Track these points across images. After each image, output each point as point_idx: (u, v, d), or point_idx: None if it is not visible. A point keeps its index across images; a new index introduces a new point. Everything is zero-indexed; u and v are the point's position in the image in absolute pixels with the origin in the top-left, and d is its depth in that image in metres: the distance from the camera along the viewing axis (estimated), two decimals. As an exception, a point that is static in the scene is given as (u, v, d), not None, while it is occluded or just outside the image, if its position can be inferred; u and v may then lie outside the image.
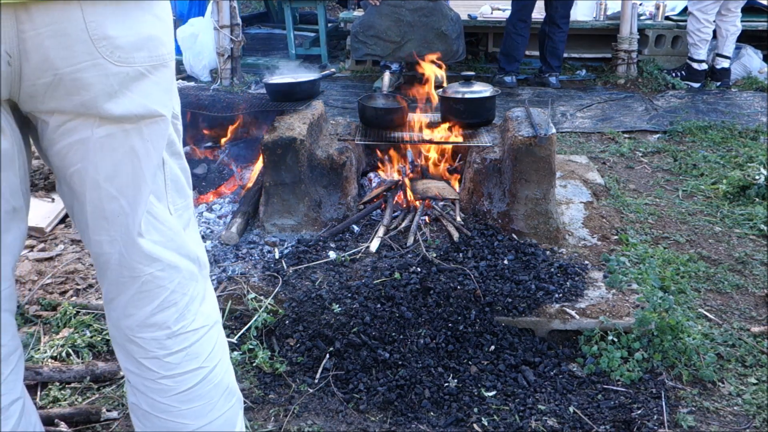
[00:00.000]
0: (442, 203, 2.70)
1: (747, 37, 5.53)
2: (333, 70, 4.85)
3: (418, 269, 2.24)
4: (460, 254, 2.35)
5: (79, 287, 2.32)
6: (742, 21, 5.12)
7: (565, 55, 5.37)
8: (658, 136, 4.20)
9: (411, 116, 2.93)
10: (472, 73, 3.47)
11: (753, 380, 1.94)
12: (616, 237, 2.64)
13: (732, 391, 1.90)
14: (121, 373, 1.86)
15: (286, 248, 2.48)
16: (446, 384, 1.89)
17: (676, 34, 5.61)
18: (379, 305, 2.09)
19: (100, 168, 1.07)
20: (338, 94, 5.13)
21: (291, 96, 2.82)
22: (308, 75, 2.97)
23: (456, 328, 2.03)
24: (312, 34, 6.47)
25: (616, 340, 2.01)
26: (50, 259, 2.50)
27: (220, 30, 4.97)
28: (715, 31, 5.10)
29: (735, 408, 1.83)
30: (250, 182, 2.91)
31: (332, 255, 2.38)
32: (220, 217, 2.74)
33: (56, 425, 1.69)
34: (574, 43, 5.56)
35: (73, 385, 1.90)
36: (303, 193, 2.56)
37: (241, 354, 1.98)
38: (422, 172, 2.94)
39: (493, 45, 6.16)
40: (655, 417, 1.79)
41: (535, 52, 5.82)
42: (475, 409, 1.82)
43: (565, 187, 3.13)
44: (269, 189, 2.56)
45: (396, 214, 2.68)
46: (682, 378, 1.94)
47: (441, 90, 2.91)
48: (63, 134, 1.04)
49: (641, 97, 5.07)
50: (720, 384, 1.93)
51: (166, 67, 1.10)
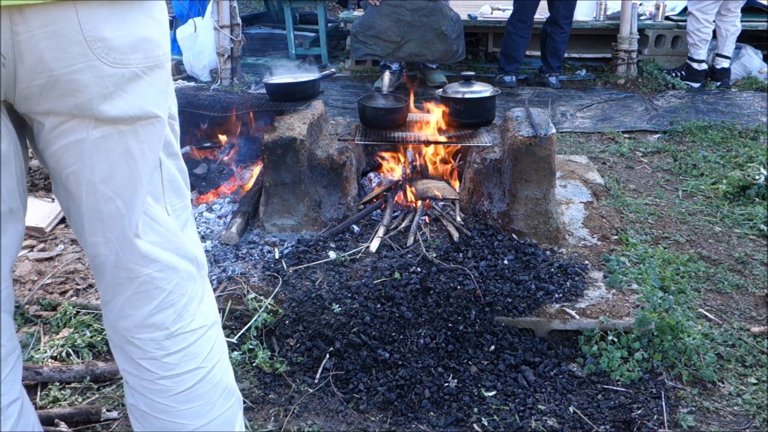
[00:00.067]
0: (442, 203, 2.70)
1: (747, 37, 5.53)
2: (333, 70, 4.84)
3: (418, 269, 2.24)
4: (460, 254, 2.35)
5: (79, 287, 2.32)
6: (742, 21, 5.12)
7: (565, 55, 5.37)
8: (658, 136, 4.20)
9: (411, 116, 2.93)
10: (472, 73, 3.47)
11: (753, 380, 1.94)
12: (616, 237, 2.64)
13: (732, 391, 1.90)
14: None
15: (286, 248, 2.48)
16: (446, 384, 1.89)
17: (676, 34, 5.61)
18: (379, 305, 2.09)
19: (95, 169, 1.07)
20: (338, 94, 5.12)
21: (291, 96, 2.82)
22: (308, 75, 2.98)
23: (456, 328, 2.03)
24: (312, 34, 6.47)
25: (616, 340, 2.01)
26: (50, 259, 2.50)
27: (220, 30, 4.97)
28: (715, 31, 5.10)
29: (735, 408, 1.83)
30: (250, 182, 2.91)
31: (332, 255, 2.38)
32: (220, 217, 2.74)
33: (56, 425, 1.69)
34: (574, 43, 5.56)
35: (73, 385, 1.90)
36: (303, 193, 2.56)
37: (241, 354, 1.98)
38: (422, 172, 2.94)
39: (493, 45, 6.16)
40: (655, 417, 1.79)
41: (536, 52, 5.82)
42: (475, 409, 1.82)
43: (565, 187, 3.13)
44: (269, 189, 2.56)
45: (396, 214, 2.68)
46: (682, 378, 1.94)
47: (441, 90, 2.91)
48: (58, 136, 1.04)
49: (641, 97, 5.07)
50: (720, 384, 1.93)
51: (161, 68, 1.10)
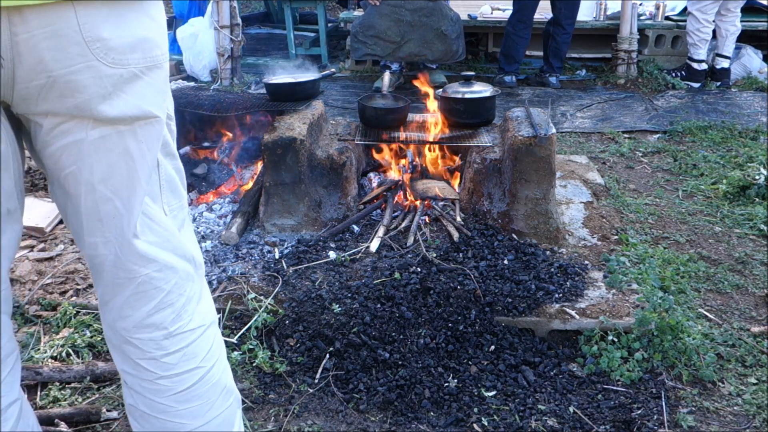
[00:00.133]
0: (442, 203, 2.70)
1: (747, 37, 5.53)
2: (333, 70, 4.84)
3: (418, 269, 2.24)
4: (460, 254, 2.35)
5: (79, 287, 2.32)
6: (742, 21, 5.12)
7: (566, 55, 5.37)
8: (658, 136, 4.20)
9: (411, 116, 2.93)
10: (472, 73, 3.47)
11: (753, 380, 1.94)
12: (616, 237, 2.64)
13: (732, 391, 1.89)
14: (121, 373, 1.86)
15: (286, 248, 2.48)
16: (446, 384, 1.89)
17: (676, 34, 5.61)
18: (379, 305, 2.09)
19: (94, 170, 1.06)
20: (338, 94, 5.12)
21: (291, 96, 2.82)
22: (308, 75, 2.98)
23: (456, 328, 2.03)
24: (312, 34, 6.47)
25: (616, 340, 2.01)
26: (50, 259, 2.50)
27: (220, 30, 4.97)
28: (714, 31, 5.10)
29: (735, 408, 1.83)
30: (250, 182, 2.91)
31: (332, 255, 2.38)
32: (220, 217, 2.74)
33: (56, 425, 1.69)
34: (574, 43, 5.55)
35: (73, 385, 1.90)
36: (303, 193, 2.56)
37: (241, 354, 1.98)
38: (422, 172, 2.94)
39: (493, 45, 6.16)
40: (655, 417, 1.79)
41: (536, 52, 5.82)
42: (475, 409, 1.82)
43: (565, 187, 3.13)
44: (269, 189, 2.56)
45: (396, 214, 2.68)
46: (682, 378, 1.93)
47: (441, 90, 2.91)
48: (57, 136, 1.04)
49: (641, 97, 5.07)
50: (720, 384, 1.93)
51: (160, 68, 1.10)
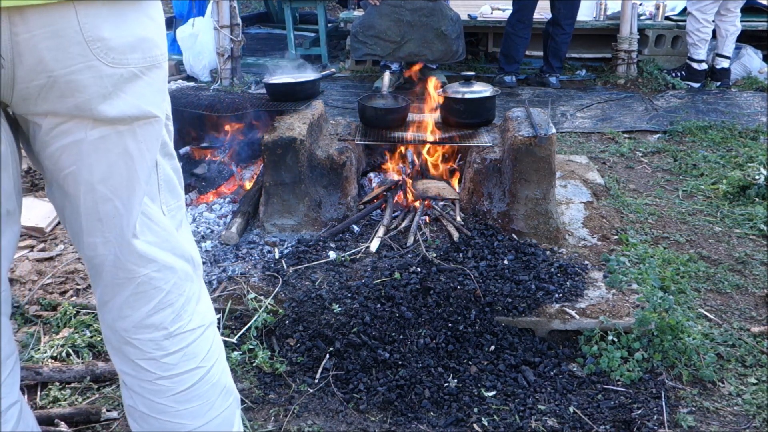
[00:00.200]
0: (442, 203, 2.70)
1: (747, 37, 5.53)
2: (333, 70, 4.84)
3: (418, 269, 2.24)
4: (460, 254, 2.35)
5: (79, 287, 2.32)
6: (742, 21, 5.12)
7: (566, 55, 5.37)
8: (658, 136, 4.20)
9: (411, 116, 2.93)
10: (472, 73, 3.47)
11: (753, 380, 1.94)
12: (616, 237, 2.64)
13: (732, 391, 1.89)
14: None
15: (286, 248, 2.48)
16: (446, 384, 1.89)
17: (676, 34, 5.61)
18: (379, 305, 2.09)
19: (94, 170, 1.06)
20: (338, 94, 5.12)
21: (291, 96, 2.82)
22: (308, 75, 2.98)
23: (456, 328, 2.03)
24: (312, 34, 6.47)
25: (616, 340, 2.01)
26: (50, 259, 2.50)
27: (220, 30, 4.97)
28: (714, 31, 5.10)
29: (735, 408, 1.83)
30: (249, 182, 2.91)
31: (332, 255, 2.38)
32: (220, 217, 2.74)
33: (56, 425, 1.69)
34: (574, 43, 5.56)
35: (73, 385, 1.90)
36: (303, 193, 2.56)
37: (241, 354, 1.98)
38: (422, 172, 2.94)
39: (493, 45, 6.16)
40: (655, 417, 1.79)
41: (537, 52, 5.82)
42: (475, 409, 1.82)
43: (565, 187, 3.13)
44: (269, 189, 2.56)
45: (396, 214, 2.68)
46: (682, 378, 1.93)
47: (441, 90, 2.91)
48: (56, 137, 1.04)
49: (641, 97, 5.07)
50: (720, 384, 1.93)
51: (159, 68, 1.10)
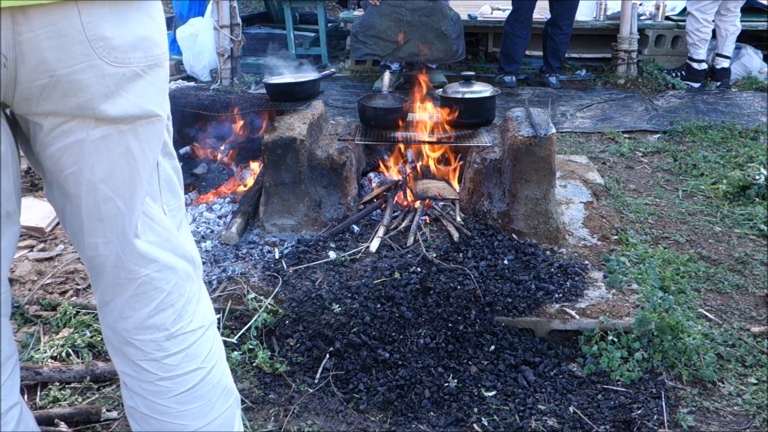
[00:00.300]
0: (442, 203, 2.70)
1: (747, 37, 5.53)
2: (333, 70, 4.84)
3: (418, 269, 2.24)
4: (460, 254, 2.35)
5: (79, 287, 2.32)
6: (742, 21, 5.12)
7: (565, 55, 5.37)
8: (658, 136, 4.20)
9: (411, 116, 2.93)
10: (472, 73, 3.47)
11: (753, 380, 1.94)
12: (616, 237, 2.64)
13: (732, 391, 1.90)
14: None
15: (286, 248, 2.48)
16: (446, 384, 1.89)
17: (676, 34, 5.61)
18: (379, 305, 2.09)
19: (95, 169, 1.06)
20: (338, 94, 5.12)
21: (291, 96, 2.82)
22: (308, 75, 2.98)
23: (456, 328, 2.03)
24: (312, 34, 6.47)
25: (616, 340, 2.01)
26: (50, 259, 2.50)
27: (220, 30, 4.97)
28: (714, 31, 5.10)
29: (735, 408, 1.83)
30: (250, 181, 2.91)
31: (332, 255, 2.38)
32: (220, 217, 2.74)
33: (56, 425, 1.69)
34: (574, 43, 5.56)
35: (73, 385, 1.90)
36: (303, 193, 2.56)
37: (241, 354, 1.98)
38: (422, 172, 2.94)
39: (493, 45, 6.16)
40: (655, 417, 1.79)
41: (537, 52, 5.82)
42: (475, 409, 1.82)
43: (565, 187, 3.13)
44: (269, 189, 2.56)
45: (396, 214, 2.68)
46: (682, 378, 1.94)
47: (441, 90, 2.91)
48: (57, 137, 1.03)
49: (641, 97, 5.07)
50: (720, 384, 1.93)
51: (160, 67, 1.10)
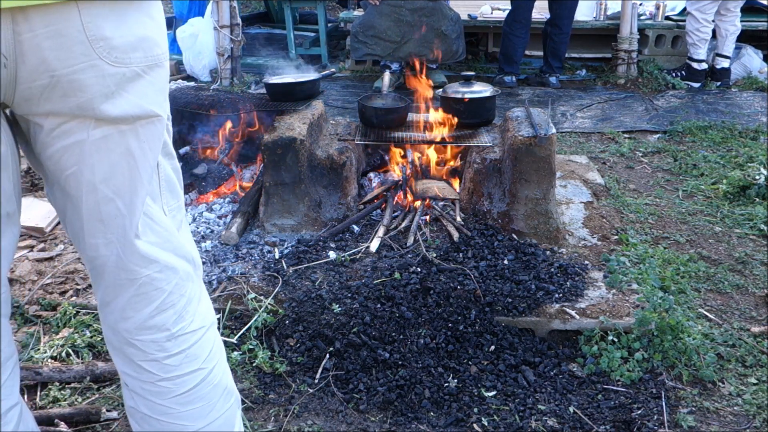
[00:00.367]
0: (442, 203, 2.70)
1: (747, 37, 5.53)
2: (333, 70, 4.84)
3: (418, 269, 2.24)
4: (460, 254, 2.35)
5: (79, 287, 2.32)
6: (742, 21, 5.12)
7: (565, 55, 5.38)
8: (658, 136, 4.20)
9: (411, 116, 2.93)
10: (472, 73, 3.47)
11: (753, 380, 1.94)
12: (616, 237, 2.64)
13: (732, 391, 1.90)
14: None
15: (286, 248, 2.48)
16: (446, 384, 1.89)
17: (676, 34, 5.61)
18: (379, 305, 2.09)
19: (96, 170, 1.06)
20: (338, 94, 5.12)
21: (291, 96, 2.82)
22: (308, 75, 2.97)
23: (456, 328, 2.03)
24: (312, 34, 6.47)
25: (616, 340, 2.01)
26: (50, 259, 2.50)
27: (220, 30, 4.97)
28: (714, 31, 5.10)
29: (735, 408, 1.83)
30: (248, 180, 2.91)
31: (332, 255, 2.38)
32: (220, 217, 2.74)
33: (56, 425, 1.69)
34: (574, 43, 5.56)
35: (73, 385, 1.90)
36: (303, 193, 2.56)
37: (241, 354, 1.98)
38: (422, 172, 2.94)
39: (493, 45, 6.16)
40: (655, 417, 1.79)
41: (537, 52, 5.82)
42: (475, 409, 1.82)
43: (565, 187, 3.13)
44: (269, 189, 2.56)
45: (396, 214, 2.68)
46: (682, 378, 1.94)
47: (441, 90, 2.91)
48: (58, 137, 1.03)
49: (641, 97, 5.07)
50: (720, 384, 1.93)
51: (161, 67, 1.09)
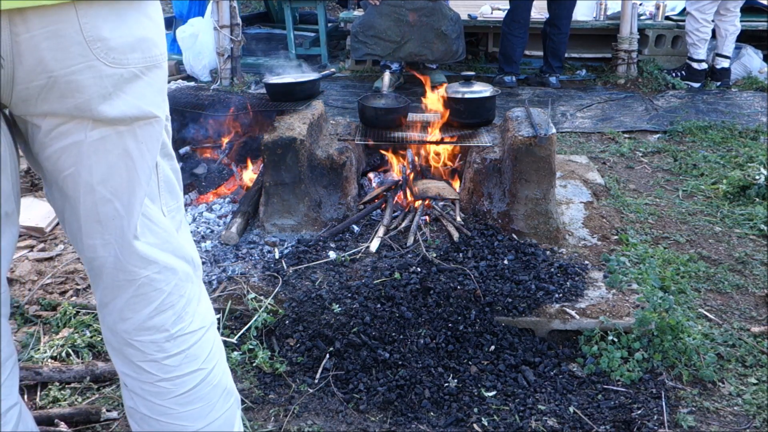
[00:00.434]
0: (442, 203, 2.70)
1: (747, 37, 5.53)
2: (333, 70, 4.84)
3: (418, 269, 2.24)
4: (460, 254, 2.35)
5: (79, 287, 2.32)
6: (742, 21, 5.12)
7: (565, 55, 5.38)
8: (658, 136, 4.20)
9: (411, 116, 2.93)
10: (472, 73, 3.47)
11: (753, 380, 1.94)
12: (616, 237, 2.64)
13: (732, 391, 1.90)
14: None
15: (286, 248, 2.48)
16: (446, 384, 1.89)
17: (676, 34, 5.61)
18: (379, 305, 2.09)
19: (93, 171, 1.06)
20: (338, 94, 5.12)
21: (291, 96, 2.82)
22: (308, 75, 2.98)
23: (456, 328, 2.03)
24: (312, 34, 6.47)
25: (616, 340, 2.01)
26: (50, 259, 2.50)
27: (220, 30, 4.97)
28: (714, 31, 5.10)
29: (735, 408, 1.83)
30: (249, 181, 2.91)
31: (332, 255, 2.38)
32: (220, 217, 2.74)
33: (56, 425, 1.69)
34: (574, 43, 5.56)
35: (73, 385, 1.90)
36: (303, 193, 2.56)
37: (241, 354, 1.98)
38: (422, 172, 2.94)
39: (493, 45, 6.16)
40: (655, 417, 1.79)
41: (537, 52, 5.82)
42: (475, 409, 1.82)
43: (565, 187, 3.13)
44: (269, 189, 2.56)
45: (396, 214, 2.68)
46: (682, 378, 1.94)
47: (441, 90, 2.91)
48: (55, 138, 1.03)
49: (641, 97, 5.07)
50: (720, 384, 1.93)
51: (159, 68, 1.09)
